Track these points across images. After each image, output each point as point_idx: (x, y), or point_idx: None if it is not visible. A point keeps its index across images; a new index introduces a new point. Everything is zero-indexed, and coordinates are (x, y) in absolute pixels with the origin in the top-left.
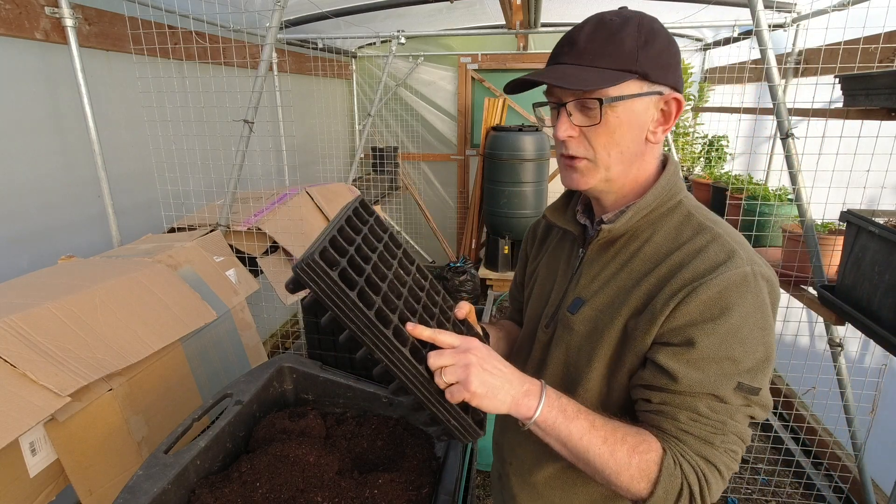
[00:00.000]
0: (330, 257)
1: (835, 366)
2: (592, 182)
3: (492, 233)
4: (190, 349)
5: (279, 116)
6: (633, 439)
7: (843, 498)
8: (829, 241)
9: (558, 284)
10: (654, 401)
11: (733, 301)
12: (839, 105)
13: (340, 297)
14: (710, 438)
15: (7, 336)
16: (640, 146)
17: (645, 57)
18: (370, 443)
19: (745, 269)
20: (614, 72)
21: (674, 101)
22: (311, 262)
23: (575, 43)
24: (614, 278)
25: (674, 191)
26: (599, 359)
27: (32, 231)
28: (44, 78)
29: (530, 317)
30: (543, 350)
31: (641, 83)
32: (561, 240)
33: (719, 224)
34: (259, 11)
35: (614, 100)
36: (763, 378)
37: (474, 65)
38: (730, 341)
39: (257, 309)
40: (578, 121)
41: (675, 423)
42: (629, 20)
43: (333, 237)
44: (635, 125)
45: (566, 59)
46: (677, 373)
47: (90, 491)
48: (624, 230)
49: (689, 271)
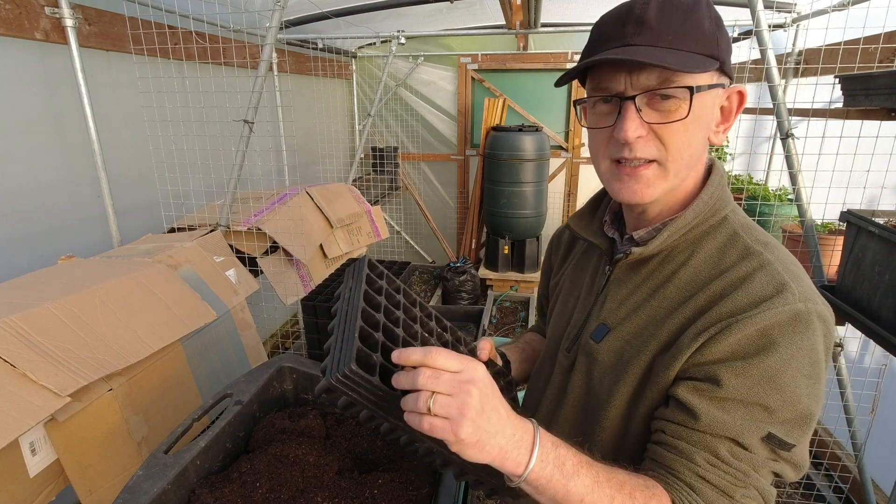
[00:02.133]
0: (365, 358)
1: (835, 366)
2: (659, 192)
3: (492, 233)
4: (190, 349)
5: (279, 116)
6: (642, 495)
7: (843, 498)
8: (829, 241)
9: (581, 304)
10: (668, 434)
11: (776, 340)
12: (839, 105)
13: (381, 398)
14: (728, 490)
15: (7, 336)
16: (705, 149)
17: (723, 42)
18: (370, 443)
19: (796, 305)
20: (701, 56)
21: (736, 95)
22: (348, 373)
23: (644, 21)
24: (644, 305)
25: (718, 205)
26: (621, 394)
27: (32, 231)
28: (44, 78)
29: (552, 335)
30: (564, 376)
31: (716, 73)
32: (587, 252)
33: (770, 248)
34: (259, 11)
35: (701, 89)
36: (800, 434)
37: (474, 65)
38: (764, 387)
39: (257, 309)
40: (651, 117)
41: (690, 467)
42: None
43: (361, 328)
44: (705, 122)
45: (637, 41)
46: (698, 409)
47: (90, 491)
48: (657, 251)
49: (728, 305)
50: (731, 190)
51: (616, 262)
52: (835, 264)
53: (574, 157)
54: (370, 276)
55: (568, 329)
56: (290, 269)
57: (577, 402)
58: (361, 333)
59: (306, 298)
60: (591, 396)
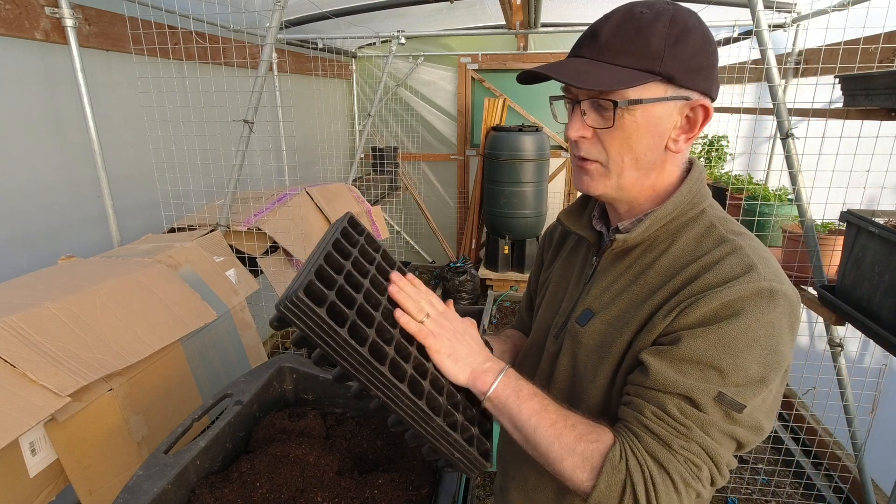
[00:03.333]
0: (317, 291)
1: (835, 366)
2: (603, 188)
3: (492, 233)
4: (190, 349)
5: (279, 116)
6: (584, 427)
7: (843, 498)
8: (829, 241)
9: (570, 293)
10: (629, 393)
11: (737, 311)
12: (839, 105)
13: (330, 336)
14: (667, 440)
15: (7, 336)
16: (659, 154)
17: (672, 58)
18: (370, 443)
19: (761, 283)
20: (635, 72)
21: (700, 109)
22: (294, 299)
23: (597, 35)
24: (627, 290)
25: (696, 199)
26: (603, 373)
27: (32, 231)
28: (44, 78)
29: (540, 325)
30: (552, 361)
31: (666, 86)
32: (576, 246)
33: (744, 237)
34: (259, 11)
35: (632, 103)
36: (752, 396)
37: (474, 65)
38: (719, 350)
39: (257, 309)
40: (592, 121)
41: (637, 417)
42: (661, 15)
43: (320, 267)
44: (654, 131)
45: (585, 53)
46: (653, 368)
47: (90, 491)
48: (640, 240)
49: (699, 284)
50: (732, 190)
51: (603, 253)
52: (835, 264)
53: None
54: (346, 230)
55: (556, 318)
56: (290, 269)
57: (564, 384)
58: (320, 273)
59: None
60: (577, 377)
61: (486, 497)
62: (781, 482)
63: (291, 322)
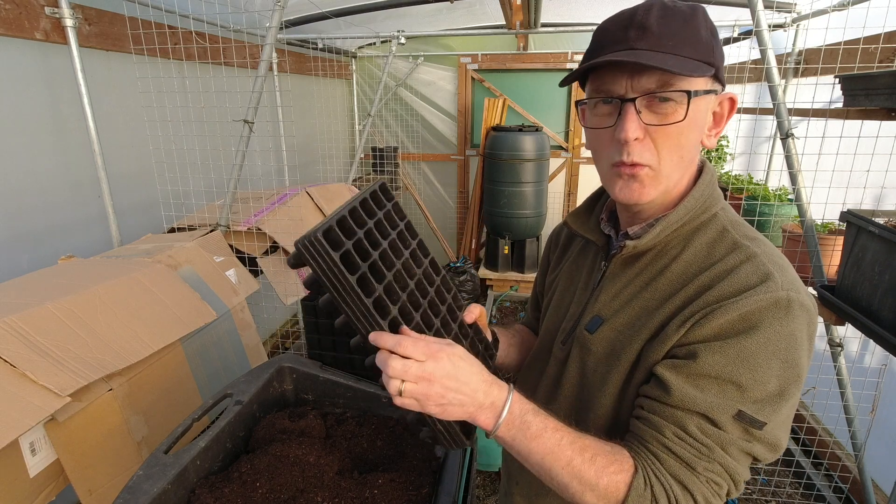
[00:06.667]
0: (335, 237)
1: (835, 366)
2: (654, 194)
3: (492, 233)
4: (190, 349)
5: (279, 116)
6: (603, 460)
7: (843, 498)
8: (829, 241)
9: (577, 298)
10: (644, 409)
11: (756, 324)
12: (839, 105)
13: (340, 280)
14: (691, 462)
15: (7, 336)
16: (697, 152)
17: (718, 50)
18: (370, 443)
19: (778, 293)
20: (697, 62)
21: (728, 101)
22: (313, 239)
23: (647, 27)
24: (637, 297)
25: (708, 203)
26: (613, 382)
27: (32, 231)
28: (44, 78)
29: (547, 329)
30: (559, 367)
31: (710, 80)
32: (583, 249)
33: (758, 242)
34: (259, 11)
35: (698, 93)
36: (772, 413)
37: (474, 65)
38: (738, 365)
39: (257, 309)
40: (650, 119)
41: (658, 438)
42: (695, 8)
43: (343, 217)
44: (697, 127)
45: (639, 45)
46: (672, 384)
47: (90, 491)
48: (650, 245)
49: (714, 294)
50: (732, 190)
51: (611, 258)
52: (835, 264)
53: (574, 156)
54: (376, 193)
55: (564, 323)
56: (290, 270)
57: (572, 391)
58: (342, 223)
59: (306, 298)
60: (586, 385)
61: (487, 497)
62: (781, 482)
63: (306, 261)
